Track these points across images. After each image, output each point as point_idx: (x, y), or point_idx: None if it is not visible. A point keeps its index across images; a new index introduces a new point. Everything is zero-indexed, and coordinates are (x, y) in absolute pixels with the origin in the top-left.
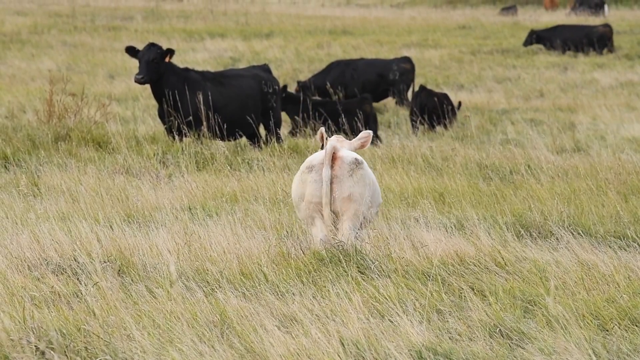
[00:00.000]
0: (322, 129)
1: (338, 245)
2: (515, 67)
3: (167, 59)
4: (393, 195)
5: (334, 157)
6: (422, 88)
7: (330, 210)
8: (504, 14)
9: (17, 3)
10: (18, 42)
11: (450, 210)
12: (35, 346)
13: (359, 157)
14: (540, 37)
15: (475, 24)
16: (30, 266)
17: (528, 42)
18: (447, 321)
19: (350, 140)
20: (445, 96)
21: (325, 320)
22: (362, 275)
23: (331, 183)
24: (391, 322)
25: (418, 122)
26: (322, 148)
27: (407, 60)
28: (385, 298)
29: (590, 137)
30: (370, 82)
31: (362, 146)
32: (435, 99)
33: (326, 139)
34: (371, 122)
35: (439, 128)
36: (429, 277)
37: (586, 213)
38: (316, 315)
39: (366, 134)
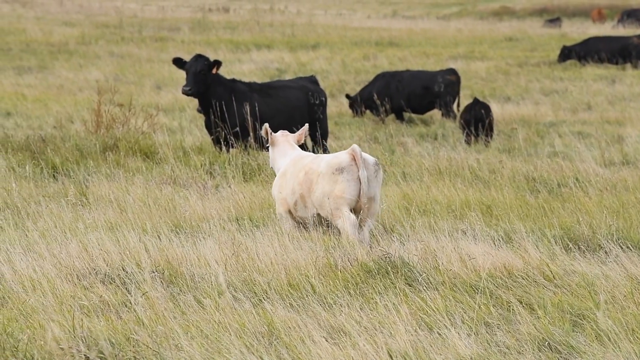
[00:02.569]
0: (267, 125)
1: (385, 257)
2: (562, 80)
3: (214, 71)
4: (440, 207)
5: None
6: (477, 101)
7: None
8: (549, 26)
9: (65, 14)
10: (66, 52)
11: (498, 222)
12: (85, 355)
13: (377, 159)
14: (573, 52)
15: (521, 35)
16: (79, 275)
17: (562, 58)
18: (496, 334)
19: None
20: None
21: (373, 332)
22: (409, 287)
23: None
24: (439, 334)
25: (465, 133)
26: (266, 142)
27: (453, 72)
28: (433, 310)
29: (638, 150)
30: (415, 94)
31: (300, 140)
32: (490, 111)
33: (270, 134)
34: None
35: (485, 141)
36: (477, 290)
37: (635, 226)
38: (364, 327)
39: (304, 127)
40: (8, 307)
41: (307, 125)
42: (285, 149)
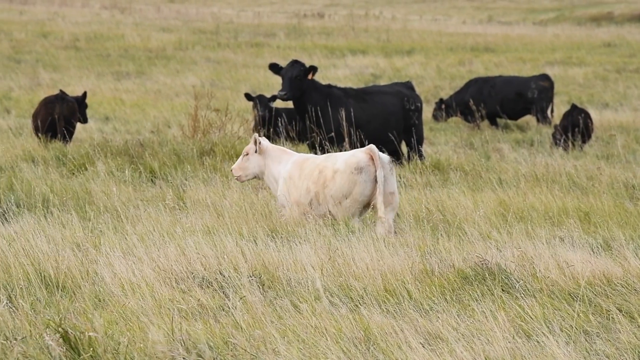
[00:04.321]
0: (256, 134)
1: (482, 264)
2: None
3: (310, 76)
4: (537, 214)
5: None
6: (575, 107)
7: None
8: None
9: (162, 20)
10: (163, 58)
11: (596, 230)
12: (184, 358)
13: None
14: None
15: (620, 41)
16: (177, 279)
17: None
18: (595, 343)
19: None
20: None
21: (470, 339)
22: (506, 294)
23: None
24: (537, 342)
25: (562, 139)
26: (255, 152)
27: (546, 77)
28: (531, 318)
29: None
30: (508, 100)
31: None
32: (588, 118)
33: (259, 143)
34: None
35: (578, 146)
36: (576, 297)
37: None
38: (461, 333)
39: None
40: (108, 310)
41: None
42: (279, 155)
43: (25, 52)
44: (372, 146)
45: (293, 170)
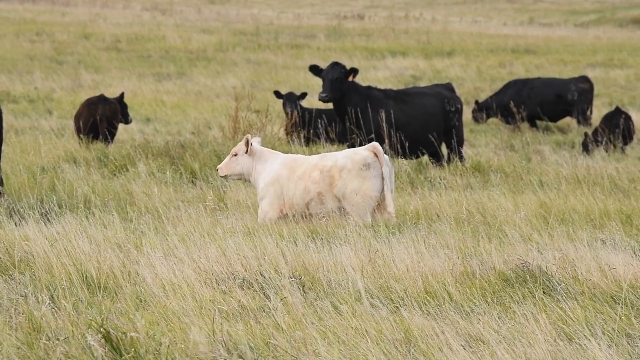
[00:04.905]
0: (248, 135)
1: (523, 266)
2: None
3: (350, 78)
4: (578, 216)
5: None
6: (618, 109)
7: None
8: None
9: (203, 21)
10: (204, 59)
11: (639, 232)
12: (225, 359)
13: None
14: None
15: None
16: (217, 280)
17: None
18: (637, 346)
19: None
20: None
21: (511, 341)
22: (548, 296)
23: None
24: (579, 345)
25: (603, 141)
26: (246, 152)
27: (586, 79)
28: (573, 320)
29: None
30: (547, 102)
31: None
32: (630, 120)
33: (250, 144)
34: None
35: (620, 148)
36: (618, 300)
37: None
38: (502, 335)
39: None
40: (150, 311)
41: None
42: (266, 156)
43: (67, 54)
44: (376, 143)
45: (279, 170)
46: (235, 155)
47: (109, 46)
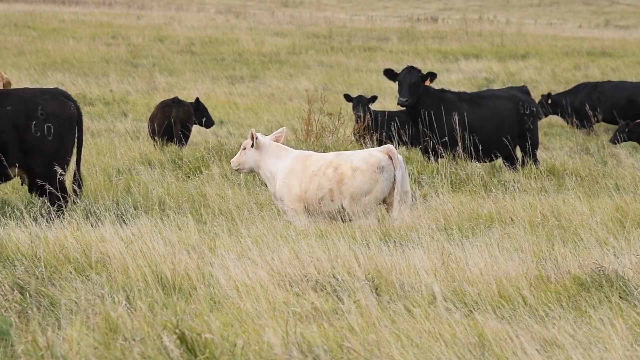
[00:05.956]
0: (253, 130)
1: (599, 270)
2: None
3: (427, 83)
4: None
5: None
6: None
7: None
8: None
9: (277, 24)
10: (277, 62)
11: None
12: None
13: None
14: None
15: None
16: (291, 282)
17: None
18: None
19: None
20: None
21: (587, 346)
22: (624, 301)
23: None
24: None
25: None
26: (252, 146)
27: None
28: None
29: None
30: (618, 106)
31: (278, 140)
32: None
33: (256, 138)
34: None
35: None
36: None
37: None
38: (578, 340)
39: (281, 129)
40: (224, 312)
41: (284, 128)
42: (277, 151)
43: (142, 56)
44: (390, 146)
45: (294, 164)
46: (245, 149)
47: (183, 49)
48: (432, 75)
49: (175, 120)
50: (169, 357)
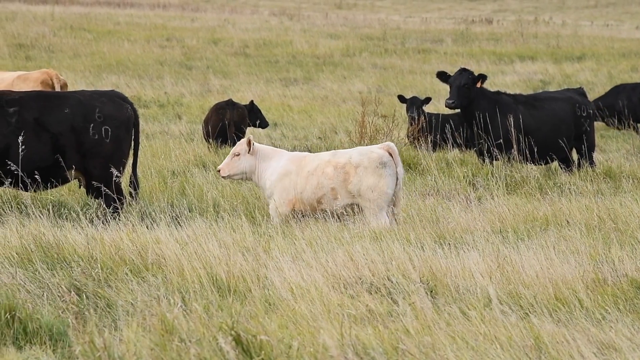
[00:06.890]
0: (251, 136)
1: None
2: None
3: (478, 85)
4: None
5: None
6: None
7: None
8: None
9: (330, 26)
10: (330, 64)
11: None
12: None
13: None
14: None
15: None
16: (345, 284)
17: None
18: None
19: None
20: None
21: None
22: None
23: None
24: None
25: None
26: (249, 152)
27: None
28: None
29: None
30: None
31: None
32: None
33: (253, 144)
34: None
35: None
36: None
37: None
38: (636, 344)
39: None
40: (279, 314)
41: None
42: (270, 155)
43: (197, 59)
44: (391, 143)
45: (288, 165)
46: (237, 155)
47: (237, 51)
48: (482, 77)
49: (230, 123)
50: (225, 358)
